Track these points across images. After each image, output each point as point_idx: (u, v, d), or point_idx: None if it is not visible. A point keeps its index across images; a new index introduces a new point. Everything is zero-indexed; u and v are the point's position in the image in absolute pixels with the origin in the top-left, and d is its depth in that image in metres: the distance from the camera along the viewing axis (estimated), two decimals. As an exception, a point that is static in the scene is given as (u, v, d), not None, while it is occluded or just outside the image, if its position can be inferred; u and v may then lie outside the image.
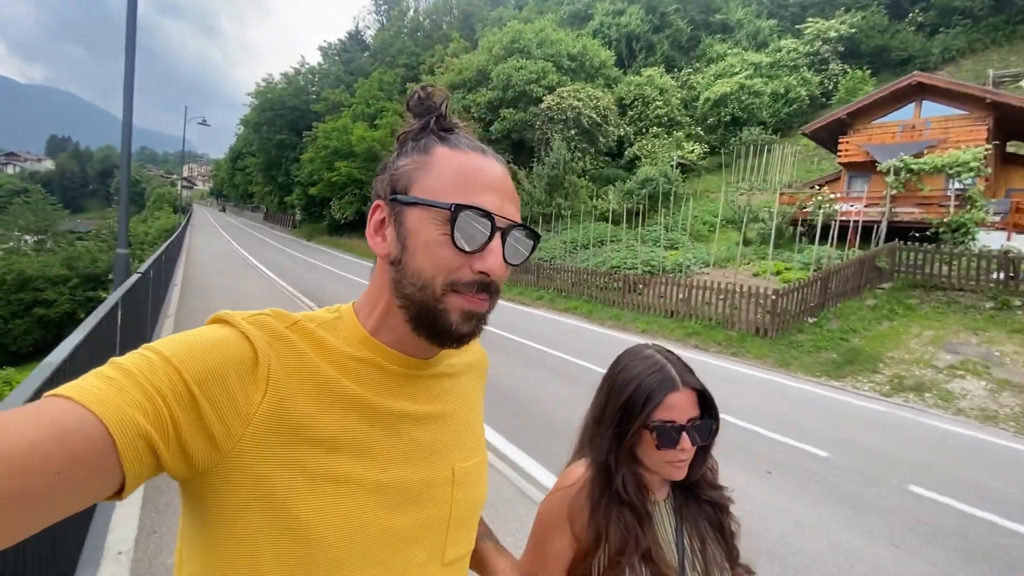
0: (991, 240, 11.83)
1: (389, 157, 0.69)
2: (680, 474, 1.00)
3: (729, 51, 29.70)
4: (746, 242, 14.01)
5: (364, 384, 0.63)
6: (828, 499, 4.01)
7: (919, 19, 29.09)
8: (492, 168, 0.65)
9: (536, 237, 0.68)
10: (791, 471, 4.45)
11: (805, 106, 26.35)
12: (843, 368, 7.76)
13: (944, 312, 9.15)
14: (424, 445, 0.67)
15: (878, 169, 13.59)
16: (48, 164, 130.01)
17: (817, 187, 14.50)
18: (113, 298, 4.61)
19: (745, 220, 14.69)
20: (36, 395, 2.10)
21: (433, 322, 0.62)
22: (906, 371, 7.47)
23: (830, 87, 27.13)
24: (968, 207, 11.46)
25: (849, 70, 26.42)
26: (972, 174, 11.78)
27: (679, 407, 0.98)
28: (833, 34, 27.76)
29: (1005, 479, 4.59)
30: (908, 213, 12.43)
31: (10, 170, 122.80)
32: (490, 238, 0.62)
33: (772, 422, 5.55)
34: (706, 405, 1.01)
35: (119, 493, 0.49)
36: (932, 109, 14.65)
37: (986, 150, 12.27)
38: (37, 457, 0.42)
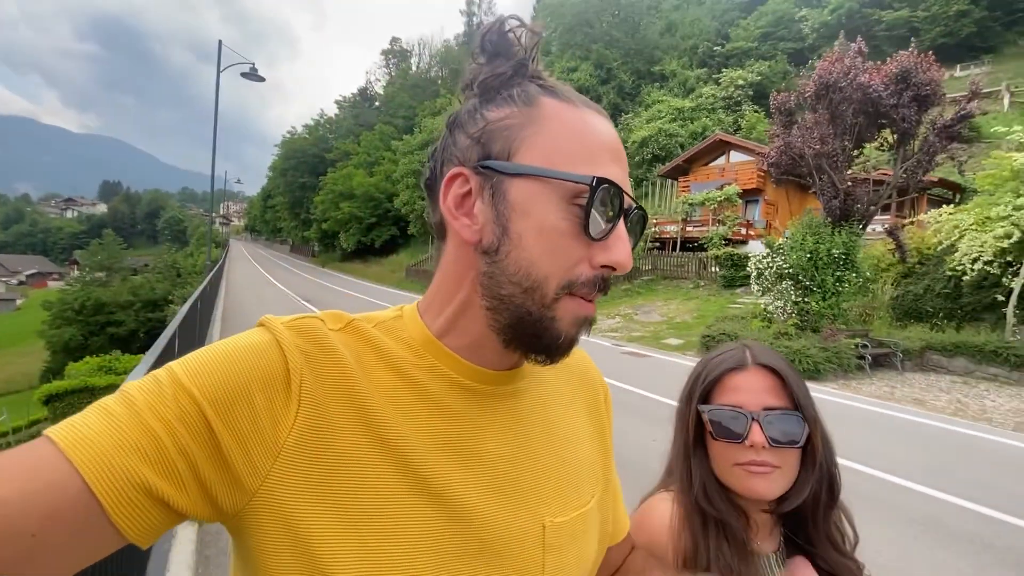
0: (756, 247, 17.68)
1: (461, 108, 0.52)
2: (762, 486, 0.74)
3: (662, 98, 36.02)
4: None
5: (425, 398, 0.49)
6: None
7: (815, 64, 34.88)
8: (610, 131, 0.50)
9: (646, 219, 0.54)
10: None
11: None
12: (565, 319, 13.67)
13: (669, 292, 15.03)
14: (503, 485, 0.50)
15: (681, 204, 19.73)
16: (102, 207, 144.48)
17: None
18: (198, 290, 11.19)
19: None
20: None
21: (535, 334, 0.48)
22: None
23: (742, 125, 33.07)
24: (718, 226, 17.45)
25: (758, 110, 32.42)
26: (714, 204, 17.78)
27: (746, 389, 0.76)
28: (741, 82, 33.87)
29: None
30: (691, 231, 18.48)
31: (69, 214, 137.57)
32: (615, 221, 0.47)
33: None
34: (790, 396, 0.75)
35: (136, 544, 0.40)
36: (736, 157, 20.72)
37: (741, 187, 18.29)
38: (4, 517, 0.35)
